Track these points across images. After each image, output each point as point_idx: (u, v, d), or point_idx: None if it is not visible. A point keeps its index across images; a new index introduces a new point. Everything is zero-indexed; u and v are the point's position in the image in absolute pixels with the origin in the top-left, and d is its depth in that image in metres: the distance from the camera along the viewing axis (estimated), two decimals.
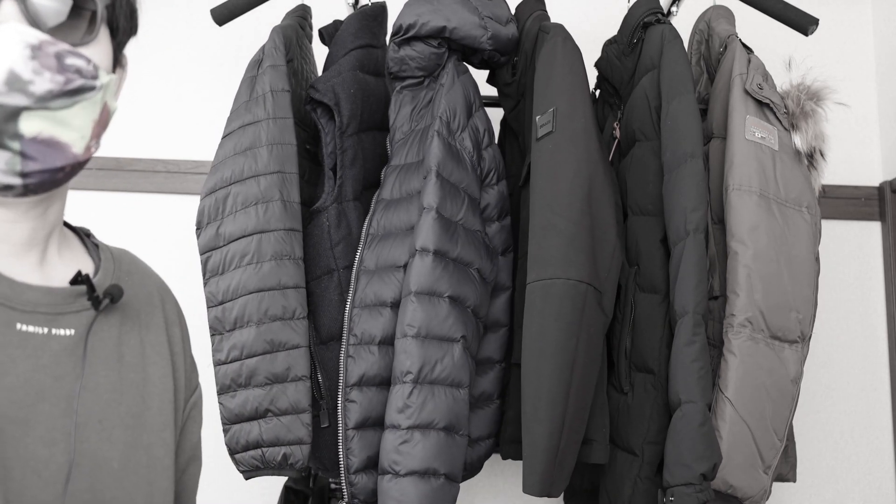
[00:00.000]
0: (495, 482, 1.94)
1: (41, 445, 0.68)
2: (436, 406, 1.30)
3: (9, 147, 0.64)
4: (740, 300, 1.31)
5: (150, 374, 0.80)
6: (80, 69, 0.67)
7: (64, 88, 0.66)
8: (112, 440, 0.73)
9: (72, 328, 0.72)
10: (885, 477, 1.95)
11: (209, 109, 2.03)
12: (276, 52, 1.48)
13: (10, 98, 0.63)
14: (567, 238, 1.29)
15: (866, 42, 2.12)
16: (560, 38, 1.44)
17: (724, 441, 1.28)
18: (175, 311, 0.88)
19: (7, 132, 0.64)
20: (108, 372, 0.75)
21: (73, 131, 0.68)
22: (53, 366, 0.70)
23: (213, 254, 1.43)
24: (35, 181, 0.67)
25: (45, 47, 0.65)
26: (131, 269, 0.84)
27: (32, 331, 0.70)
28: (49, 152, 0.67)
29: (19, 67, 0.64)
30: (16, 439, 0.66)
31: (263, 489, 1.86)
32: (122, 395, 0.76)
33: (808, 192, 1.41)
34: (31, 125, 0.65)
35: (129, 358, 0.78)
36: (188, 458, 0.89)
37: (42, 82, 0.65)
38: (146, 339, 0.81)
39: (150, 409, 0.78)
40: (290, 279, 1.38)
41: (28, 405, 0.68)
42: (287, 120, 1.44)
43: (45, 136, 0.66)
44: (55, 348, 0.71)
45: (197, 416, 0.89)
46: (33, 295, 0.71)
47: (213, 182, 1.45)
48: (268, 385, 1.36)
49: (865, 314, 2.00)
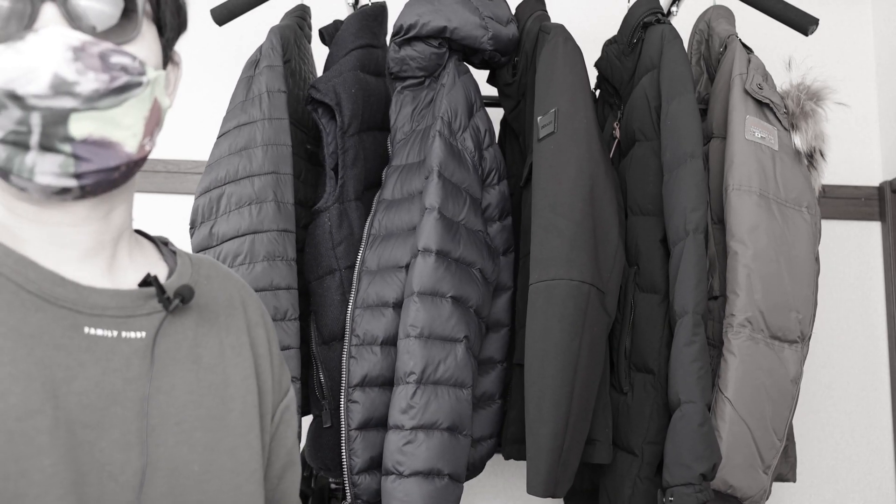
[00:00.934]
0: (497, 482, 1.94)
1: (116, 449, 0.67)
2: (439, 406, 1.30)
3: (60, 150, 0.64)
4: (740, 300, 1.31)
5: (231, 376, 0.77)
6: (125, 66, 0.67)
7: (110, 86, 0.65)
8: (191, 443, 0.71)
9: (143, 331, 0.71)
10: (885, 477, 1.95)
11: (209, 109, 2.03)
12: (272, 52, 1.48)
13: (57, 101, 0.63)
14: (569, 238, 1.29)
15: (866, 42, 2.12)
16: (561, 39, 1.44)
17: (724, 441, 1.29)
18: (259, 313, 0.85)
19: (57, 135, 0.64)
20: (184, 374, 0.73)
21: (124, 130, 0.67)
22: (124, 369, 0.69)
23: (206, 253, 1.43)
24: (90, 182, 0.66)
25: (87, 48, 0.65)
26: (211, 273, 0.82)
27: (101, 334, 0.69)
28: (102, 152, 0.66)
29: (63, 70, 0.63)
30: (89, 444, 0.65)
31: None
32: (200, 396, 0.74)
33: (808, 192, 1.41)
34: (80, 127, 0.64)
35: (207, 360, 0.76)
36: (284, 463, 0.86)
37: (87, 82, 0.64)
38: (226, 342, 0.79)
39: (232, 412, 0.76)
40: (282, 280, 1.38)
41: (100, 409, 0.67)
42: (283, 121, 1.44)
43: (97, 137, 0.66)
44: (126, 351, 0.70)
45: (290, 419, 0.86)
46: (100, 298, 0.70)
47: (208, 181, 1.45)
48: None
49: (865, 314, 2.00)
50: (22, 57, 0.63)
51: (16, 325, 0.65)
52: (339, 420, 1.37)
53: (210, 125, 1.94)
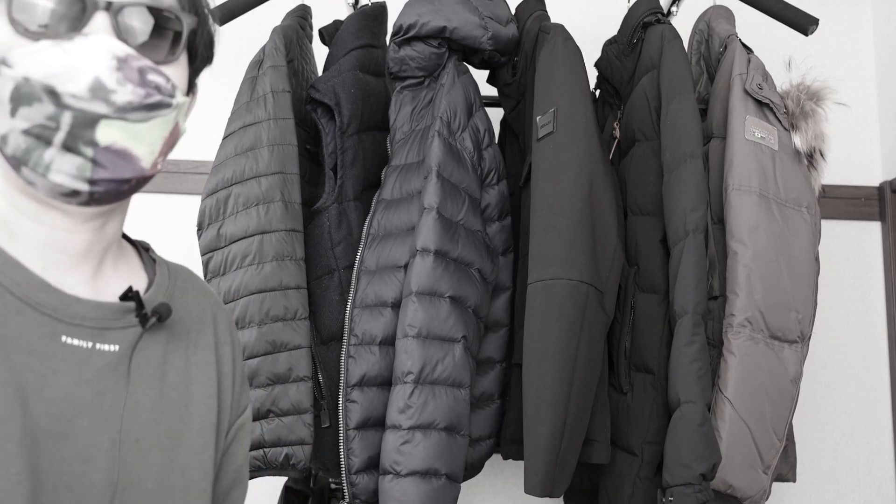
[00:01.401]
0: (496, 482, 1.94)
1: (76, 461, 0.67)
2: (437, 406, 1.30)
3: (82, 153, 0.65)
4: (740, 300, 1.31)
5: (193, 395, 0.78)
6: (159, 86, 0.69)
7: (143, 102, 0.67)
8: (148, 461, 0.72)
9: (116, 344, 0.72)
10: (885, 477, 1.95)
11: (209, 109, 2.02)
12: (276, 52, 1.48)
13: (92, 105, 0.64)
14: (568, 238, 1.29)
15: (866, 42, 2.12)
16: (560, 39, 1.44)
17: (724, 441, 1.29)
18: (228, 331, 0.86)
19: (83, 138, 0.65)
20: (148, 391, 0.74)
21: (145, 145, 0.69)
22: (95, 381, 0.70)
23: (215, 254, 1.43)
24: (101, 190, 0.67)
25: (130, 61, 0.67)
26: (186, 287, 0.83)
27: (77, 344, 0.69)
28: (120, 163, 0.67)
29: (105, 76, 0.65)
30: (51, 452, 0.66)
31: (263, 489, 1.86)
32: (161, 414, 0.75)
33: (808, 192, 1.41)
34: (107, 133, 0.66)
35: (172, 377, 0.77)
36: (231, 480, 0.87)
37: (124, 93, 0.66)
38: (193, 359, 0.80)
39: (190, 431, 0.77)
40: (291, 280, 1.38)
41: (67, 419, 0.67)
42: (288, 121, 1.44)
43: (119, 147, 0.67)
44: (98, 363, 0.70)
45: (244, 437, 0.87)
46: (81, 308, 0.70)
47: (215, 183, 1.45)
48: (269, 386, 1.36)
49: (865, 314, 2.00)
50: (67, 56, 0.64)
51: None
52: (338, 420, 1.37)
53: (210, 125, 1.94)
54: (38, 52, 0.64)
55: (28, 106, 0.64)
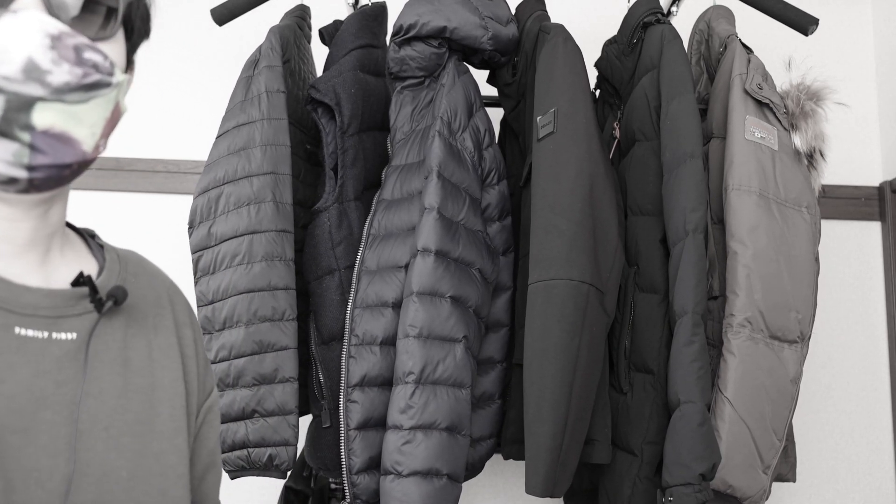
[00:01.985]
0: (496, 482, 1.94)
1: (44, 455, 0.65)
2: (438, 406, 1.30)
3: (18, 138, 0.62)
4: (740, 300, 1.31)
5: (159, 379, 0.76)
6: (97, 64, 0.65)
7: (81, 82, 0.64)
8: (120, 448, 0.70)
9: (73, 332, 0.69)
10: (885, 477, 1.95)
11: (209, 109, 2.03)
12: (272, 52, 1.49)
13: (26, 87, 0.61)
14: (569, 238, 1.29)
15: (866, 42, 2.12)
16: (560, 39, 1.44)
17: (724, 441, 1.29)
18: (186, 313, 0.84)
19: (18, 122, 0.61)
20: (113, 377, 0.72)
21: (85, 128, 0.66)
22: (55, 371, 0.67)
23: (205, 253, 1.43)
24: (41, 176, 0.64)
25: (64, 38, 0.63)
26: (138, 271, 0.80)
27: (32, 335, 0.67)
28: (59, 147, 0.64)
29: (38, 56, 0.61)
30: (17, 449, 0.64)
31: (263, 489, 1.86)
32: (128, 400, 0.72)
33: (808, 192, 1.41)
34: (44, 117, 0.62)
35: (135, 362, 0.74)
36: (205, 464, 0.85)
37: (60, 73, 0.62)
38: (154, 343, 0.77)
39: (160, 416, 0.75)
40: (280, 280, 1.38)
41: (29, 413, 0.65)
42: (281, 121, 1.44)
43: (58, 130, 0.63)
44: (56, 353, 0.68)
45: (213, 420, 0.85)
46: (33, 297, 0.68)
47: (207, 181, 1.45)
48: (255, 386, 1.37)
49: (865, 314, 2.00)
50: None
51: None
52: (339, 420, 1.37)
53: (209, 125, 1.94)
54: None
55: None
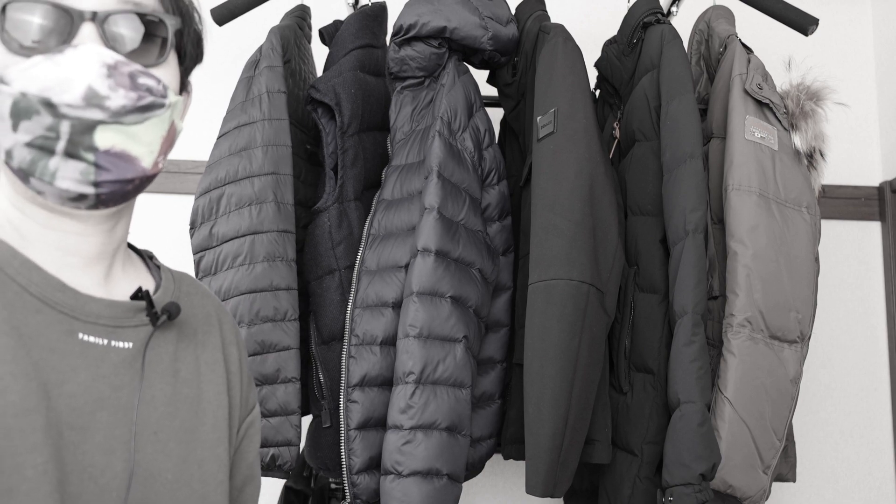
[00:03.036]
0: (496, 482, 1.94)
1: (99, 453, 0.70)
2: (438, 406, 1.30)
3: (84, 158, 0.68)
4: (740, 300, 1.31)
5: (205, 391, 0.82)
6: (150, 88, 0.72)
7: (136, 104, 0.70)
8: (167, 452, 0.75)
9: (130, 341, 0.75)
10: (885, 477, 1.95)
11: (209, 109, 2.03)
12: (272, 52, 1.49)
13: (87, 112, 0.67)
14: (569, 239, 1.29)
15: (866, 42, 2.12)
16: (560, 39, 1.44)
17: (724, 441, 1.29)
18: (233, 332, 0.90)
19: (83, 144, 0.68)
20: (163, 386, 0.77)
21: (143, 146, 0.72)
22: (112, 376, 0.73)
23: (206, 254, 1.43)
24: (107, 191, 0.71)
25: (120, 67, 0.70)
26: (191, 290, 0.87)
27: (93, 341, 0.72)
28: (121, 164, 0.70)
29: (97, 84, 0.68)
30: (75, 445, 0.69)
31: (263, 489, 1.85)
32: (176, 409, 0.78)
33: (808, 192, 1.41)
34: (105, 138, 0.69)
35: (184, 374, 0.80)
36: (245, 477, 0.90)
37: (117, 98, 0.69)
38: (202, 357, 0.83)
39: (203, 425, 0.80)
40: (282, 281, 1.39)
41: (87, 413, 0.70)
42: (282, 121, 1.44)
43: (118, 150, 0.70)
44: (114, 359, 0.73)
45: (254, 435, 0.91)
46: (96, 307, 0.73)
47: (208, 182, 1.45)
48: (258, 386, 1.37)
49: (865, 314, 2.00)
50: (59, 69, 0.67)
51: (17, 325, 0.68)
52: (339, 420, 1.37)
53: (210, 125, 1.94)
54: (32, 67, 0.67)
55: (28, 119, 0.67)
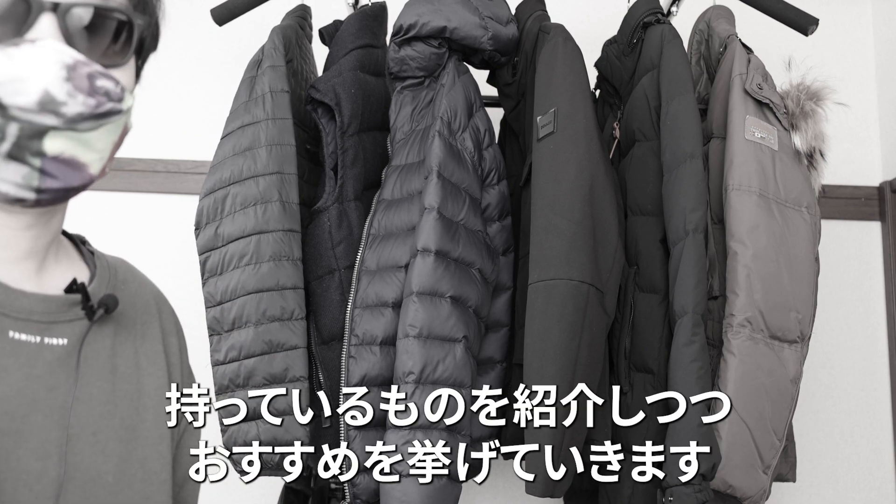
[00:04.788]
0: (496, 482, 1.94)
1: (33, 458, 0.66)
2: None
3: (28, 163, 0.64)
4: (740, 300, 1.31)
5: (145, 386, 0.78)
6: (108, 91, 0.67)
7: (94, 112, 0.66)
8: (106, 453, 0.72)
9: (65, 337, 0.71)
10: (885, 477, 1.95)
11: (209, 109, 2.03)
12: (275, 52, 1.49)
13: (39, 117, 0.63)
14: (569, 239, 1.29)
15: (866, 42, 2.12)
16: (560, 39, 1.44)
17: (724, 441, 1.28)
18: (172, 321, 0.86)
19: (30, 149, 0.63)
20: (101, 383, 0.73)
21: (94, 153, 0.68)
22: (46, 376, 0.68)
23: (212, 254, 1.43)
24: (48, 197, 0.66)
25: (79, 67, 0.64)
26: (127, 278, 0.82)
27: (25, 339, 0.68)
28: (68, 172, 0.66)
29: (54, 88, 0.63)
30: (7, 451, 0.65)
31: (263, 489, 1.85)
32: (115, 406, 0.74)
33: (808, 192, 1.41)
34: (55, 144, 0.64)
35: (122, 369, 0.76)
36: (187, 472, 0.86)
37: (74, 105, 0.64)
38: (141, 350, 0.79)
39: (145, 422, 0.76)
40: (288, 280, 1.38)
41: (20, 416, 0.66)
42: (286, 121, 1.44)
43: (67, 156, 0.65)
44: (48, 358, 0.69)
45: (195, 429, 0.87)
46: (27, 302, 0.69)
47: (212, 182, 1.45)
48: (266, 385, 1.36)
49: (865, 314, 2.00)
50: (13, 65, 0.62)
51: None
52: (339, 420, 1.37)
53: (210, 125, 1.94)
54: None
55: None
